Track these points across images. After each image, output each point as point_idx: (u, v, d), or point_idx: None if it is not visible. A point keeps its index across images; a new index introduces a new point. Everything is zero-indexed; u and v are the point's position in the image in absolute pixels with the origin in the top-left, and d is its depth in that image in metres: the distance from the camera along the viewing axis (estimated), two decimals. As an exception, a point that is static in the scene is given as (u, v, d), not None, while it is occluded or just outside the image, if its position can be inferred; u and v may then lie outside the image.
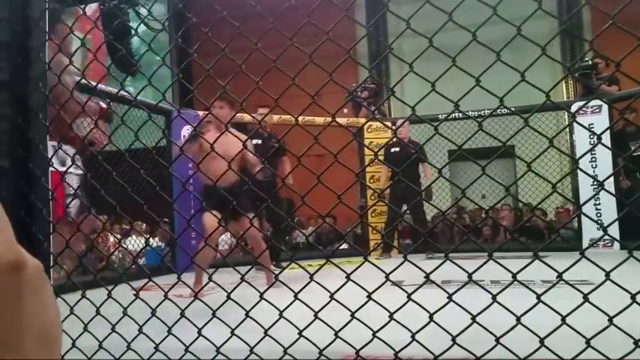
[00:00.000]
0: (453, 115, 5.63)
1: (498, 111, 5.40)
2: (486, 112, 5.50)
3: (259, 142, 4.90)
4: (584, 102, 5.77)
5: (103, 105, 2.67)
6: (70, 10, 2.11)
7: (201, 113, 5.21)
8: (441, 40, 1.23)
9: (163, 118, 5.18)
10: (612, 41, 1.47)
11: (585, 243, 5.58)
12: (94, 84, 2.02)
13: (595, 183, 5.30)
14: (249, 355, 1.35)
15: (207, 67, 1.46)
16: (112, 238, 5.40)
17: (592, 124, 5.27)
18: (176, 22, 7.45)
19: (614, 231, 4.99)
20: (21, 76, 1.83)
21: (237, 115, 5.02)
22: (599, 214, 5.37)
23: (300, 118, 5.87)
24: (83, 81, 2.05)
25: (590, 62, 5.89)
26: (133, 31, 1.86)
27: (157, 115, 4.77)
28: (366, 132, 6.47)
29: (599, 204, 5.45)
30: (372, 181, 6.20)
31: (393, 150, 5.79)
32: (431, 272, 1.19)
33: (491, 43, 1.15)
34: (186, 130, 5.22)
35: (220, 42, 1.39)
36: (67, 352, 1.50)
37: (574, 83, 8.47)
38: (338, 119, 6.37)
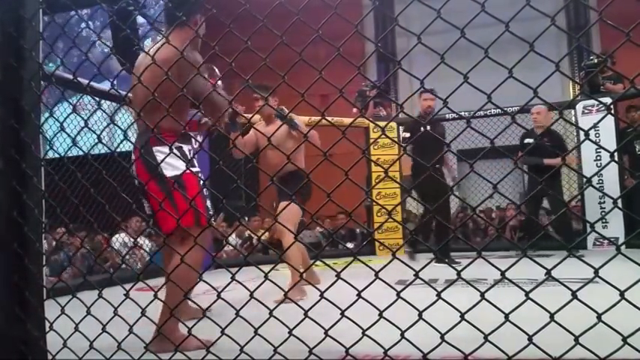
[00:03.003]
0: (453, 115, 5.59)
1: (501, 110, 5.41)
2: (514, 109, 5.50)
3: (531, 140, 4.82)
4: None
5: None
6: None
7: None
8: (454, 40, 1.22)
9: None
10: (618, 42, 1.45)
11: (590, 242, 5.56)
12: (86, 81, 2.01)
13: (599, 181, 5.29)
14: (239, 355, 1.35)
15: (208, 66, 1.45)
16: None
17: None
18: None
19: (619, 229, 4.98)
20: (14, 77, 1.82)
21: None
22: (603, 214, 5.35)
23: (307, 118, 5.84)
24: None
25: (595, 61, 5.86)
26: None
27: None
28: (372, 132, 6.45)
29: (604, 202, 5.43)
30: (377, 180, 6.16)
31: (526, 141, 5.03)
32: (419, 270, 1.18)
33: (502, 42, 1.14)
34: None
35: (238, 40, 1.38)
36: (59, 352, 1.50)
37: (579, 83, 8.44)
38: (344, 119, 6.13)
